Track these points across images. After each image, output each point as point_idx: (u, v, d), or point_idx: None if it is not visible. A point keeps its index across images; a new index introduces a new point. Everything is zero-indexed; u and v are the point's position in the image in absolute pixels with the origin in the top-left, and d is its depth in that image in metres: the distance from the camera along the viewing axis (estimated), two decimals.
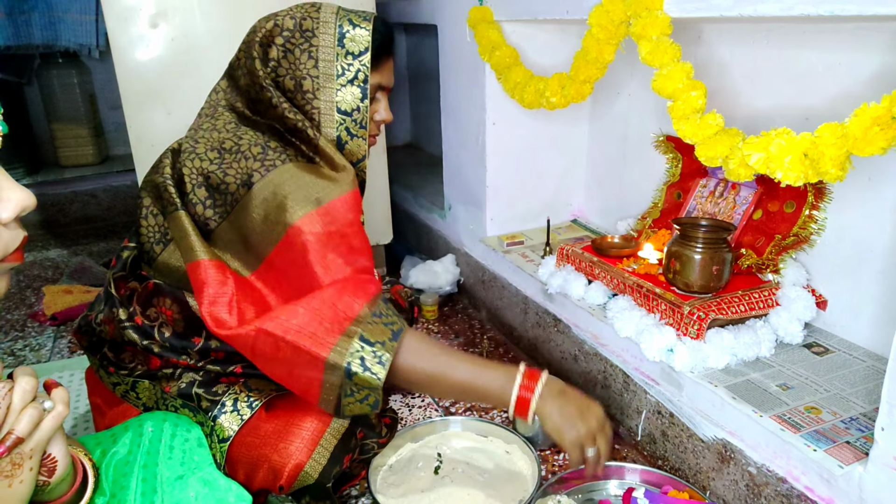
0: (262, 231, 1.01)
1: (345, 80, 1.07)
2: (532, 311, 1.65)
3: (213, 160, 1.04)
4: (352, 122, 1.09)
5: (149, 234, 1.09)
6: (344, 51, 1.07)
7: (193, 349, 1.08)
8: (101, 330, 1.12)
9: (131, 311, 1.08)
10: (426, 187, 2.48)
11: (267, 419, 1.07)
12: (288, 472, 1.04)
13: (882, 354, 1.18)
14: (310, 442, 1.06)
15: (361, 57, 1.07)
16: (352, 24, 1.07)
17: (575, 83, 1.40)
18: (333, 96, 1.07)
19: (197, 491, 0.91)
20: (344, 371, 0.95)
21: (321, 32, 1.06)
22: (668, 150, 1.55)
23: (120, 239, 2.85)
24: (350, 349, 0.95)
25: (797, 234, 1.25)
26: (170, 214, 1.04)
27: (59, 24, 2.78)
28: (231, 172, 1.03)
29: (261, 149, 1.04)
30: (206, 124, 1.11)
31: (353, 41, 1.07)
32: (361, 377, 0.95)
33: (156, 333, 1.07)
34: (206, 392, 1.06)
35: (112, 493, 0.87)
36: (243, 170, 1.02)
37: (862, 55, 1.13)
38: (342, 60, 1.06)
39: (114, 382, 1.13)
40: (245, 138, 1.06)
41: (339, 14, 1.08)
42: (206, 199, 1.03)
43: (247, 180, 1.02)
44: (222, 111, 1.13)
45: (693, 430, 1.16)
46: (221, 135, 1.07)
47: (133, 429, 0.97)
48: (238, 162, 1.03)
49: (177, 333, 1.08)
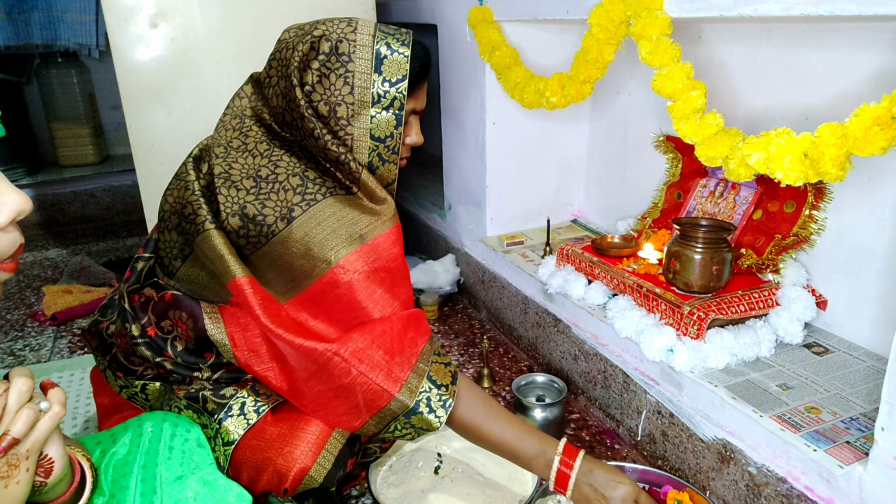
0: (302, 266, 1.00)
1: (380, 108, 1.04)
2: (532, 311, 1.66)
3: (249, 189, 1.01)
4: (384, 148, 1.06)
5: (167, 248, 1.08)
6: (381, 77, 1.03)
7: (205, 364, 1.07)
8: (113, 343, 1.12)
9: (144, 323, 1.07)
10: (426, 187, 2.48)
11: (272, 423, 1.07)
12: (293, 476, 1.04)
13: (882, 354, 1.19)
14: (315, 446, 1.05)
15: (399, 85, 1.03)
16: (389, 49, 1.03)
17: (575, 83, 1.40)
18: (368, 123, 1.04)
19: (196, 491, 0.91)
20: (410, 409, 0.98)
21: (357, 57, 1.02)
22: (668, 150, 1.55)
23: (119, 238, 2.85)
24: (420, 388, 0.99)
25: (797, 234, 1.25)
26: (202, 233, 1.00)
27: (58, 24, 2.78)
28: (269, 205, 1.00)
29: (300, 180, 1.02)
30: (237, 141, 1.07)
31: (391, 67, 1.03)
32: (423, 418, 0.99)
33: (168, 347, 1.07)
34: (213, 395, 1.06)
35: (111, 493, 0.87)
36: (282, 203, 1.00)
37: (862, 55, 1.13)
38: (378, 87, 1.03)
39: (121, 385, 1.12)
40: (282, 166, 1.04)
41: (377, 36, 1.03)
42: (239, 229, 1.00)
43: (286, 214, 1.00)
44: (250, 124, 1.09)
45: (693, 430, 1.16)
46: (256, 160, 1.04)
47: (132, 429, 0.97)
48: (276, 193, 1.01)
49: (188, 349, 1.07)
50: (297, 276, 1.01)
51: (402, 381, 0.98)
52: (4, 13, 2.68)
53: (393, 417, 1.00)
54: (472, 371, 1.65)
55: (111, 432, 0.96)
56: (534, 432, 1.06)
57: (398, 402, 0.98)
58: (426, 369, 1.02)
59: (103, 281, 2.27)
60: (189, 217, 1.03)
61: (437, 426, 1.00)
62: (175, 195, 1.07)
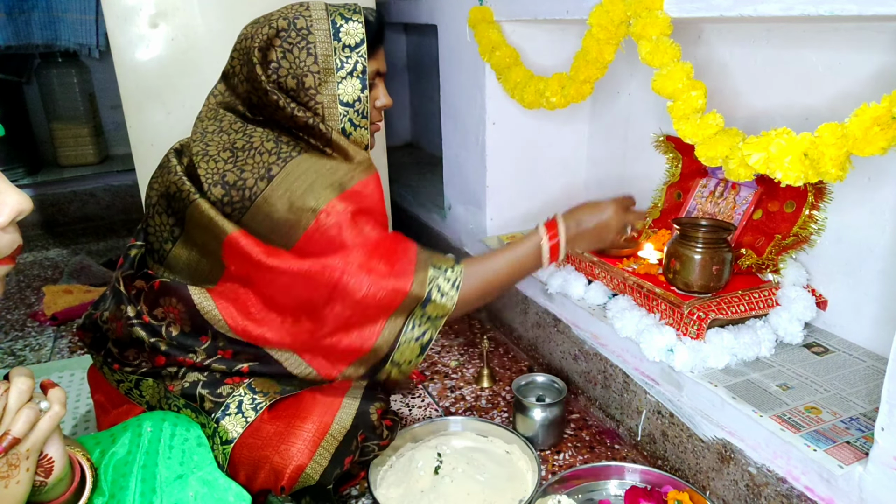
0: (288, 220, 1.03)
1: (344, 73, 1.09)
2: (532, 311, 1.66)
3: (226, 160, 1.06)
4: (354, 112, 1.11)
5: (157, 232, 1.11)
6: (340, 44, 1.09)
7: (200, 347, 1.08)
8: (108, 328, 1.13)
9: (139, 310, 1.09)
10: (426, 187, 2.48)
11: (269, 420, 1.07)
12: (289, 473, 1.04)
13: (882, 354, 1.19)
14: (311, 443, 1.06)
15: (358, 48, 1.09)
16: (344, 19, 1.10)
17: (575, 83, 1.40)
18: (335, 90, 1.09)
19: (196, 491, 0.91)
20: (424, 299, 1.04)
21: (316, 29, 1.08)
22: (668, 150, 1.55)
23: (119, 238, 2.85)
24: (428, 277, 1.04)
25: (797, 234, 1.25)
26: (190, 204, 1.04)
27: (58, 24, 2.78)
28: (248, 169, 1.05)
29: (273, 143, 1.07)
30: (212, 126, 1.12)
31: (348, 34, 1.09)
32: (437, 304, 1.04)
33: (163, 331, 1.08)
34: (210, 393, 1.06)
35: (111, 493, 0.87)
36: (260, 164, 1.05)
37: (862, 55, 1.13)
38: (340, 54, 1.09)
39: (117, 380, 1.13)
40: (256, 136, 1.09)
41: (329, 10, 1.11)
42: (223, 197, 1.04)
43: (265, 174, 1.04)
44: (224, 112, 1.14)
45: (693, 430, 1.16)
46: (231, 136, 1.09)
47: (132, 429, 0.97)
48: (252, 158, 1.06)
49: (184, 332, 1.08)
50: (286, 232, 1.03)
51: (412, 276, 1.03)
52: (4, 13, 2.67)
53: (409, 312, 1.05)
54: (473, 371, 1.65)
55: (111, 432, 0.96)
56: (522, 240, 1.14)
57: (412, 296, 1.03)
58: (428, 260, 1.07)
59: (103, 281, 2.27)
60: (175, 195, 1.07)
61: (450, 307, 1.05)
62: (159, 181, 1.12)
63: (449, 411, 1.48)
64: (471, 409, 1.48)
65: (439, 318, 1.07)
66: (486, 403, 1.50)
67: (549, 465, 1.29)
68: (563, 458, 1.31)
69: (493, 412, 1.47)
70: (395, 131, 3.21)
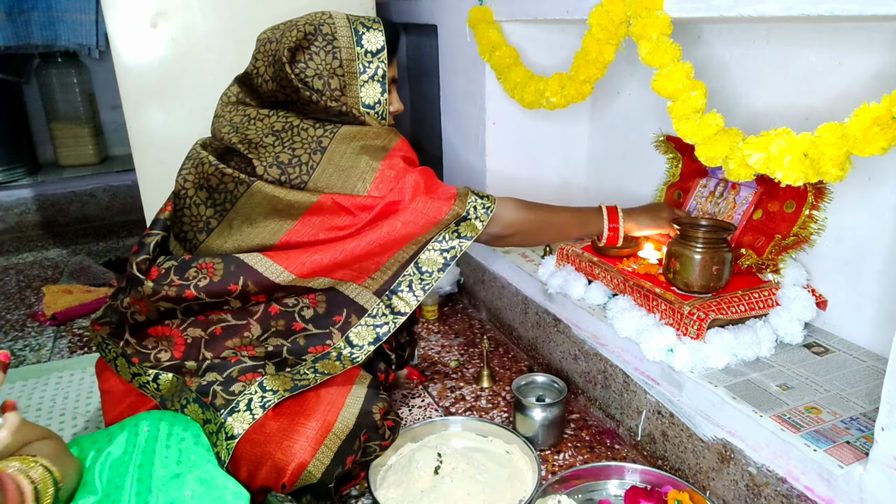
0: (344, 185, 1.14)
1: (366, 77, 1.19)
2: (532, 311, 1.66)
3: (273, 144, 1.15)
4: (374, 114, 1.22)
5: (192, 222, 1.17)
6: (363, 50, 1.19)
7: (232, 296, 1.11)
8: (133, 311, 1.14)
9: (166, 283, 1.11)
10: None
11: (273, 417, 1.07)
12: (291, 470, 1.04)
13: (882, 354, 1.19)
14: (314, 441, 1.06)
15: (379, 55, 1.20)
16: (364, 27, 1.20)
17: (575, 83, 1.40)
18: (358, 92, 1.20)
19: (193, 490, 0.91)
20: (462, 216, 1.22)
21: (340, 35, 1.18)
22: (668, 150, 1.55)
23: (119, 238, 2.85)
24: (468, 200, 1.24)
25: (797, 234, 1.25)
26: (247, 190, 1.12)
27: (58, 24, 2.78)
28: (298, 146, 1.15)
29: (314, 119, 1.18)
30: (238, 117, 1.21)
31: (370, 41, 1.19)
32: (470, 224, 1.22)
33: (191, 287, 1.11)
34: (223, 390, 1.08)
35: (107, 493, 0.86)
36: (308, 139, 1.16)
37: (862, 55, 1.13)
38: (362, 59, 1.19)
39: (134, 373, 1.13)
40: (291, 117, 1.18)
41: (350, 19, 1.20)
42: (280, 176, 1.13)
43: (317, 147, 1.15)
44: (243, 107, 1.21)
45: (693, 430, 1.16)
46: (265, 121, 1.18)
47: (129, 428, 0.97)
48: (298, 135, 1.16)
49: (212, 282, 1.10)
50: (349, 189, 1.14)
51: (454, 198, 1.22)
52: (4, 13, 2.67)
53: (445, 226, 1.21)
54: (472, 371, 1.65)
55: (107, 432, 0.96)
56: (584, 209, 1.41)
57: (454, 211, 1.20)
58: (468, 190, 1.26)
59: (103, 281, 2.27)
60: (219, 188, 1.15)
61: (480, 229, 1.23)
62: (194, 173, 1.18)
63: (449, 411, 1.48)
64: (471, 409, 1.48)
65: (466, 237, 1.22)
66: (486, 403, 1.50)
67: (549, 465, 1.29)
68: (563, 458, 1.31)
69: (493, 412, 1.47)
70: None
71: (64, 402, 1.56)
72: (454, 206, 1.20)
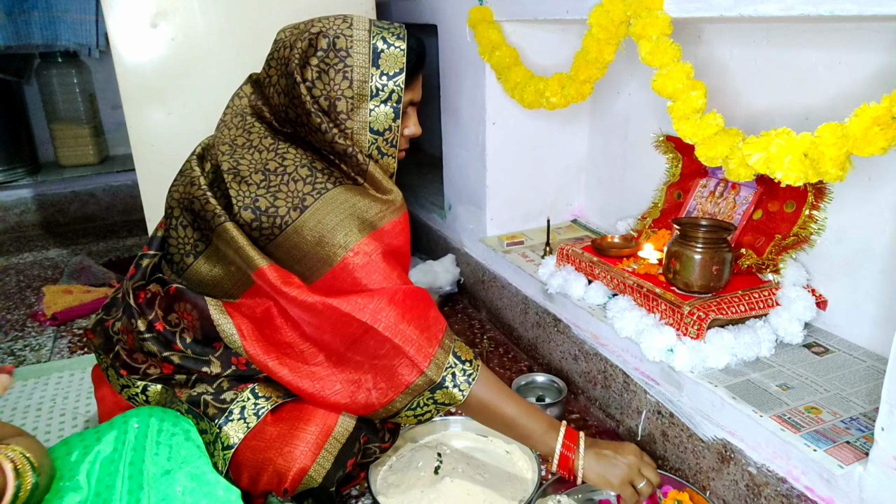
0: (316, 253, 1.02)
1: (378, 101, 1.06)
2: (532, 311, 1.66)
3: (259, 183, 1.04)
4: (383, 141, 1.09)
5: (179, 245, 1.09)
6: (378, 71, 1.05)
7: (214, 355, 1.07)
8: (120, 339, 1.12)
9: (151, 319, 1.08)
10: (426, 187, 2.48)
11: (272, 423, 1.07)
12: (292, 475, 1.04)
13: (882, 354, 1.18)
14: (314, 446, 1.06)
15: (396, 78, 1.06)
16: (385, 43, 1.06)
17: (575, 83, 1.40)
18: (367, 116, 1.06)
19: (184, 486, 0.91)
20: (437, 384, 1.02)
21: (355, 52, 1.04)
22: (668, 150, 1.55)
23: (119, 238, 2.85)
24: (447, 363, 1.03)
25: (797, 234, 1.25)
26: (218, 227, 1.02)
27: (58, 24, 2.78)
28: (281, 196, 1.03)
29: (308, 170, 1.05)
30: (241, 139, 1.09)
31: (388, 61, 1.06)
32: (448, 392, 1.03)
33: (177, 339, 1.07)
34: (214, 399, 1.06)
35: (96, 492, 0.86)
36: (293, 193, 1.03)
37: (862, 55, 1.13)
38: (376, 81, 1.05)
39: (123, 384, 1.12)
40: (289, 158, 1.06)
41: (372, 31, 1.06)
42: (252, 222, 1.02)
43: (298, 204, 1.02)
44: (252, 121, 1.11)
45: (693, 430, 1.16)
46: (263, 155, 1.07)
47: (118, 426, 0.96)
48: (286, 185, 1.03)
49: (196, 340, 1.07)
50: (314, 264, 1.03)
51: (431, 357, 1.01)
52: (4, 13, 2.67)
53: (419, 393, 1.03)
54: None
55: (96, 430, 0.96)
56: (540, 412, 1.09)
57: (426, 377, 1.01)
58: (451, 345, 1.06)
59: (103, 281, 2.27)
60: (201, 214, 1.05)
61: (460, 399, 1.03)
62: (181, 190, 1.09)
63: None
64: None
65: (446, 404, 1.05)
66: None
67: (549, 466, 1.29)
68: None
69: None
70: None
71: (64, 402, 1.56)
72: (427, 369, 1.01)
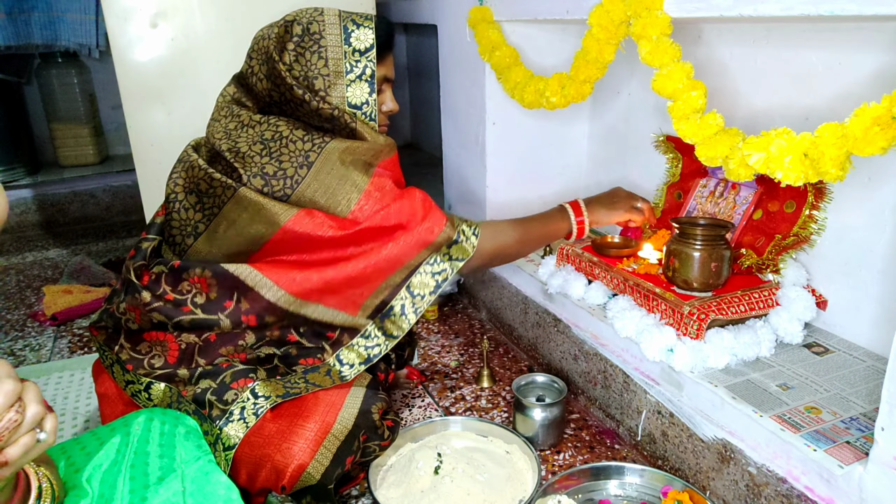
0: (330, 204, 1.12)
1: (353, 77, 1.15)
2: (532, 311, 1.65)
3: (260, 153, 1.12)
4: (362, 115, 1.18)
5: (182, 227, 1.15)
6: (351, 49, 1.15)
7: (224, 313, 1.10)
8: (128, 318, 1.13)
9: (159, 293, 1.10)
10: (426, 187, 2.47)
11: (271, 419, 1.07)
12: (290, 472, 1.04)
13: (882, 354, 1.18)
14: (313, 443, 1.06)
15: (368, 53, 1.15)
16: (355, 24, 1.15)
17: (575, 83, 1.40)
18: (344, 92, 1.15)
19: (186, 485, 0.91)
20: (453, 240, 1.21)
21: (328, 34, 1.14)
22: (668, 150, 1.55)
23: (119, 238, 2.85)
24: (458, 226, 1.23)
25: (797, 234, 1.25)
26: (234, 194, 1.09)
27: (58, 24, 2.78)
28: (285, 158, 1.11)
29: (303, 131, 1.14)
30: (232, 123, 1.18)
31: (359, 40, 1.15)
32: (461, 247, 1.22)
33: (188, 303, 1.10)
34: (217, 400, 1.07)
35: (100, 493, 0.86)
36: (296, 152, 1.12)
37: (862, 55, 1.13)
38: (350, 58, 1.15)
39: (127, 380, 1.12)
40: (282, 125, 1.15)
41: (342, 16, 1.16)
42: (263, 188, 1.10)
43: (304, 161, 1.11)
44: (238, 109, 1.19)
45: (693, 430, 1.16)
46: (257, 129, 1.15)
47: (120, 430, 0.96)
48: (286, 147, 1.12)
49: (209, 300, 1.10)
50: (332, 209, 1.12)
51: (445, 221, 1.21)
52: (5, 13, 2.68)
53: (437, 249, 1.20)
54: (472, 371, 1.65)
55: (97, 435, 0.96)
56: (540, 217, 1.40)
57: (445, 234, 1.19)
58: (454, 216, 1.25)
59: (103, 281, 2.27)
60: (208, 192, 1.12)
61: (470, 252, 1.22)
62: (184, 176, 1.16)
63: (449, 411, 1.48)
64: (471, 409, 1.48)
65: (458, 259, 1.21)
66: (486, 403, 1.50)
67: (549, 465, 1.29)
68: (563, 458, 1.31)
69: (493, 412, 1.47)
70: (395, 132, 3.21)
71: (64, 402, 1.56)
72: (445, 228, 1.20)
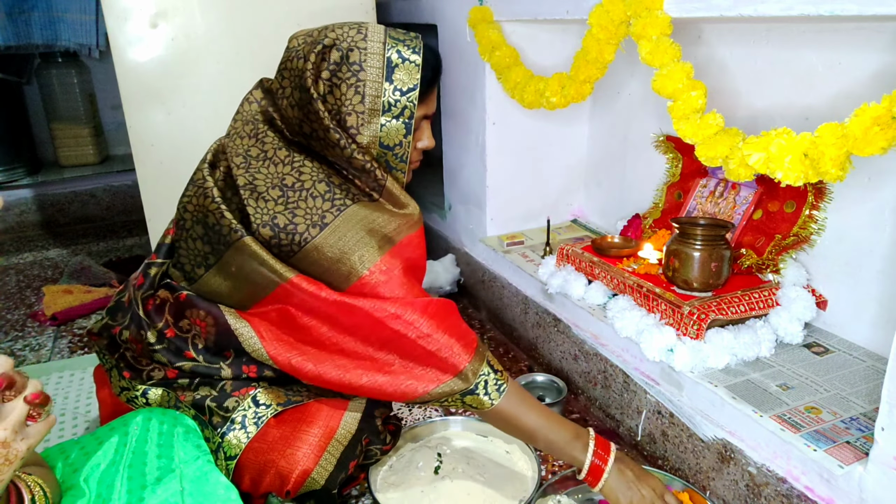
0: (337, 269, 1.02)
1: (390, 116, 1.04)
2: (532, 311, 1.66)
3: (277, 199, 1.02)
4: (392, 156, 1.08)
5: (190, 255, 1.08)
6: (392, 86, 1.03)
7: (225, 363, 1.07)
8: (128, 347, 1.11)
9: (161, 327, 1.07)
10: (426, 187, 2.47)
11: (275, 425, 1.07)
12: (295, 477, 1.04)
13: (882, 354, 1.18)
14: (317, 448, 1.05)
15: (409, 94, 1.04)
16: (400, 56, 1.03)
17: (575, 83, 1.40)
18: (377, 131, 1.05)
19: (185, 485, 0.91)
20: (468, 391, 1.03)
21: (368, 66, 1.02)
22: (668, 150, 1.55)
23: (119, 238, 2.85)
24: (480, 371, 1.04)
25: (797, 234, 1.25)
26: (237, 241, 1.01)
27: (58, 24, 2.78)
28: (300, 213, 1.02)
29: (326, 185, 1.04)
30: (255, 150, 1.07)
31: (402, 76, 1.03)
32: (478, 398, 1.04)
33: (189, 346, 1.06)
34: (217, 407, 1.06)
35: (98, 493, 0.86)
36: (312, 210, 1.02)
37: (862, 55, 1.13)
38: (389, 96, 1.03)
39: (123, 387, 1.11)
40: (305, 172, 1.05)
41: (387, 43, 1.04)
42: (270, 239, 1.01)
43: (318, 221, 1.01)
44: (265, 129, 1.09)
45: (693, 430, 1.16)
46: (279, 168, 1.05)
47: (118, 430, 0.96)
48: (305, 201, 1.02)
49: (208, 347, 1.07)
50: (334, 280, 1.02)
51: (467, 363, 1.03)
52: (4, 13, 2.67)
53: (450, 395, 1.03)
54: None
55: (96, 436, 0.96)
56: (564, 422, 1.08)
57: (460, 382, 1.02)
58: (485, 354, 1.07)
59: (103, 281, 2.27)
60: (215, 228, 1.03)
61: (488, 406, 1.05)
62: (194, 202, 1.07)
63: (449, 411, 1.47)
64: None
65: (474, 408, 1.06)
66: None
67: (549, 465, 1.29)
68: None
69: None
70: None
71: (64, 402, 1.56)
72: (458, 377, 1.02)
